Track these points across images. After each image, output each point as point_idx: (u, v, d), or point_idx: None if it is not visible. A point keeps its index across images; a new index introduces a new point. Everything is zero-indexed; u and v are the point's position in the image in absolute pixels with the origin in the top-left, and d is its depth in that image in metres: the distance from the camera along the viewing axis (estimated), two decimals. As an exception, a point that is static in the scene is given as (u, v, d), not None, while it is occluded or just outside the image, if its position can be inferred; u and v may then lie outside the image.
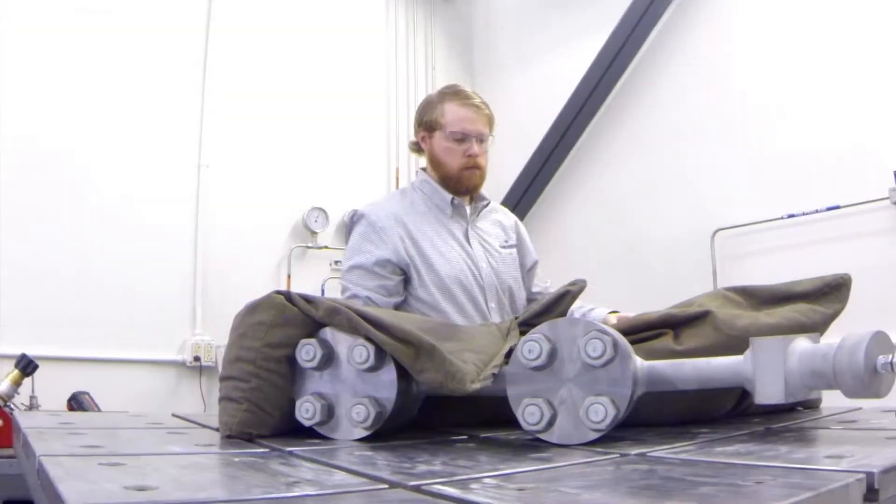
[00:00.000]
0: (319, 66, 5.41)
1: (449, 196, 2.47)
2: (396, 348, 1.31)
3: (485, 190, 2.58)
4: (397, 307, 2.30)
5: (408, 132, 5.80)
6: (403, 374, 1.36)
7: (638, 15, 4.51)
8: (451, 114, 2.45)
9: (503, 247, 2.52)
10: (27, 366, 3.39)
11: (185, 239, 4.80)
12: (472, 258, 2.45)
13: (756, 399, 1.22)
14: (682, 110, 4.40)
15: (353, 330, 1.36)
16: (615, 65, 4.58)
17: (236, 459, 1.14)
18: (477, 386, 1.26)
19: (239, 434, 1.38)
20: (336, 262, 5.37)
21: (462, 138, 2.42)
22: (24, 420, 1.70)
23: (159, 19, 4.87)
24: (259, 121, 5.10)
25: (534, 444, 1.24)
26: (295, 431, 1.42)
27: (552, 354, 1.26)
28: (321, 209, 5.22)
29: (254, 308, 1.44)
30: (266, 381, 1.40)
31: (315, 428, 1.41)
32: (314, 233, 5.21)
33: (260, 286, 4.69)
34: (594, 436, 1.22)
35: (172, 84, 4.89)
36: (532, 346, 1.25)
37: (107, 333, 4.36)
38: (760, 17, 4.08)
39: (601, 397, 1.20)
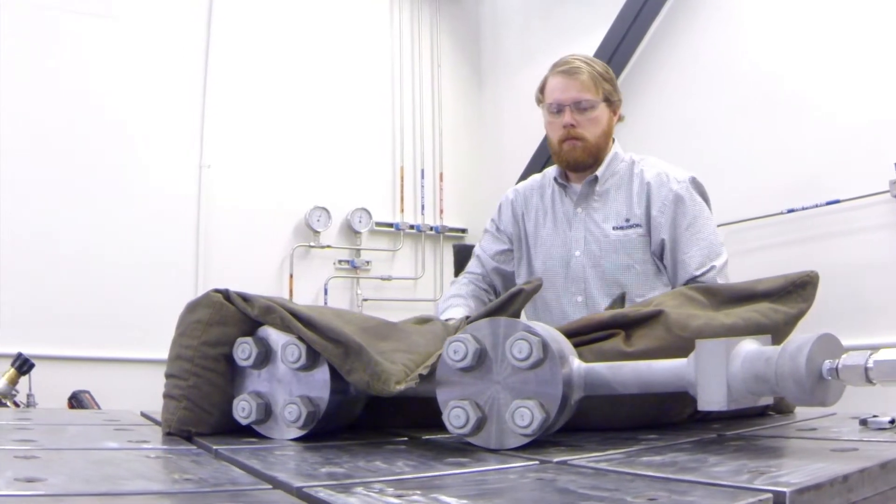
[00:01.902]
0: (322, 65, 5.41)
1: (552, 175, 2.42)
2: (326, 347, 1.28)
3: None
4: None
5: (413, 130, 5.78)
6: (339, 373, 1.33)
7: (638, 6, 4.45)
8: (548, 86, 2.36)
9: (618, 228, 2.29)
10: (23, 364, 3.45)
11: (187, 239, 4.82)
12: (567, 246, 2.34)
13: (699, 405, 1.17)
14: (682, 104, 4.32)
15: (286, 328, 1.34)
16: (616, 58, 4.51)
17: (152, 456, 1.13)
18: (401, 387, 1.22)
19: (178, 431, 1.37)
20: (340, 262, 5.36)
21: (557, 110, 2.30)
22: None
23: (160, 20, 4.89)
24: (261, 120, 5.12)
25: (462, 449, 1.20)
26: (238, 430, 1.40)
27: (481, 356, 1.21)
28: (324, 208, 5.20)
29: (193, 307, 1.42)
30: (204, 379, 1.39)
31: (253, 427, 1.38)
32: (317, 232, 5.20)
33: (262, 286, 4.75)
34: (522, 441, 1.17)
35: (173, 85, 4.91)
36: (458, 347, 1.21)
37: (109, 333, 4.39)
38: (762, 10, 4.00)
39: (528, 401, 1.16)
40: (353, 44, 5.57)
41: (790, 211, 3.67)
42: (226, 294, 1.41)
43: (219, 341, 1.38)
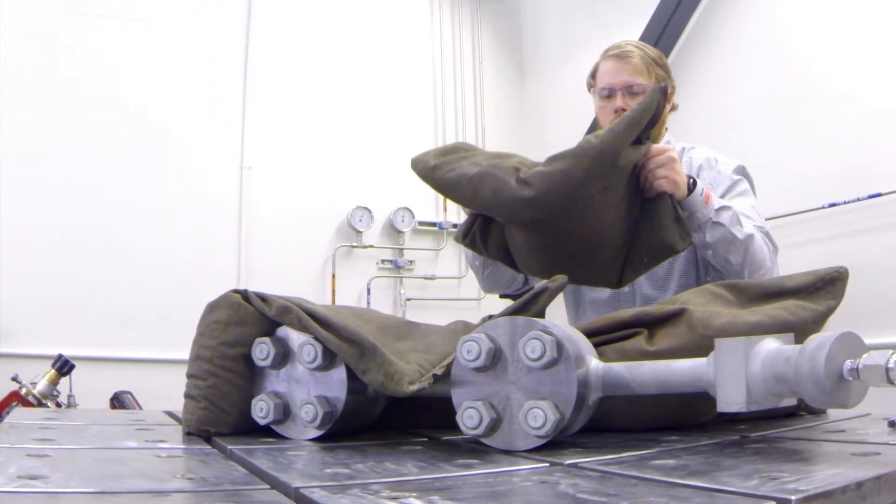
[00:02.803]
0: (363, 64, 5.45)
1: None
2: (341, 347, 1.28)
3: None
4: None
5: (455, 129, 5.77)
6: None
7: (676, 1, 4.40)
8: (599, 71, 2.27)
9: None
10: (63, 366, 3.52)
11: (229, 241, 4.90)
12: None
13: (718, 406, 1.14)
14: (723, 99, 4.26)
15: (302, 328, 1.34)
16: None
17: (162, 455, 1.14)
18: (415, 388, 1.21)
19: (197, 431, 1.38)
20: (382, 262, 5.38)
21: (608, 94, 2.21)
22: (16, 414, 1.76)
23: (199, 23, 4.97)
24: (302, 121, 5.18)
25: (477, 450, 1.18)
26: (259, 430, 1.40)
27: (495, 355, 1.20)
28: (366, 208, 5.24)
29: (212, 307, 1.44)
30: (222, 379, 1.40)
31: (273, 427, 1.39)
32: (359, 232, 5.23)
33: (305, 287, 4.80)
34: (537, 442, 1.15)
35: (213, 88, 4.99)
36: (471, 347, 1.19)
37: (150, 334, 4.48)
38: (803, 3, 3.92)
39: (541, 402, 1.14)
40: (394, 42, 5.60)
41: (831, 205, 3.58)
42: (244, 294, 1.42)
43: (237, 341, 1.39)
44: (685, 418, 1.43)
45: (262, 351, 1.38)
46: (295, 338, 1.38)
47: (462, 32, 5.91)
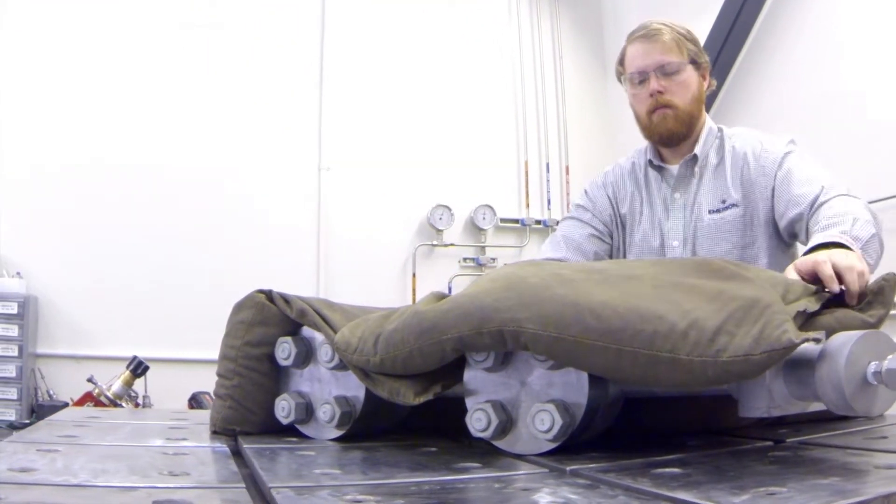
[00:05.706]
0: (440, 63, 5.45)
1: (645, 158, 2.21)
2: (350, 362, 1.27)
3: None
4: None
5: (536, 125, 5.70)
6: (375, 373, 1.31)
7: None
8: (627, 56, 2.14)
9: (715, 211, 2.06)
10: (137, 367, 3.63)
11: (308, 242, 4.98)
12: (663, 236, 2.13)
13: (740, 411, 1.07)
14: (784, 99, 4.07)
15: (320, 332, 1.34)
16: (726, 49, 4.33)
17: (169, 452, 1.16)
18: (421, 399, 1.19)
19: (223, 430, 1.40)
20: (465, 260, 5.36)
21: (641, 79, 2.08)
22: (63, 412, 1.83)
23: (275, 27, 5.09)
24: (379, 120, 5.22)
25: (486, 453, 1.15)
26: (285, 429, 1.41)
27: (506, 355, 1.16)
28: (446, 206, 5.23)
29: (238, 307, 1.46)
30: (247, 379, 1.41)
31: (296, 426, 1.40)
32: (439, 230, 5.23)
33: (384, 286, 4.84)
34: (546, 446, 1.11)
35: (290, 90, 5.08)
36: (479, 346, 1.16)
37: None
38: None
39: (548, 404, 1.09)
40: (471, 38, 5.58)
41: (871, 202, 3.37)
42: (269, 294, 1.43)
43: (261, 341, 1.41)
44: (723, 420, 1.36)
45: (284, 350, 1.39)
46: (318, 337, 1.38)
47: (541, 27, 5.81)
